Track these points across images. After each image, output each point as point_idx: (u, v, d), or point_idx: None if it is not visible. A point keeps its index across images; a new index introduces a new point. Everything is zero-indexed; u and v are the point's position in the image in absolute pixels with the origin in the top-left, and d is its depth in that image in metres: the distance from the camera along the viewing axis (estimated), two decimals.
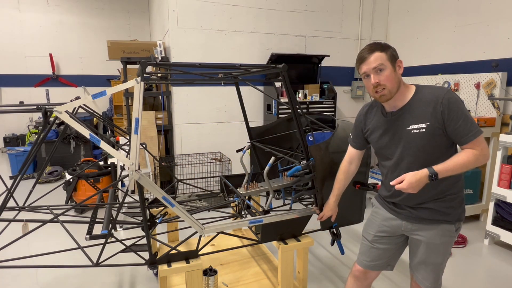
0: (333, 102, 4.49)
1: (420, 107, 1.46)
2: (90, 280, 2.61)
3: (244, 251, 2.75)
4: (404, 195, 1.55)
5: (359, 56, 1.50)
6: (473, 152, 1.39)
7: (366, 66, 1.47)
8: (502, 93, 3.55)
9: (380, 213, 1.73)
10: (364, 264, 1.77)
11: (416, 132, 1.46)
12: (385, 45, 1.48)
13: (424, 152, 1.47)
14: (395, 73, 1.47)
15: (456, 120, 1.40)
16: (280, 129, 2.62)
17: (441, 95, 1.42)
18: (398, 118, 1.52)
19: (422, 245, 1.58)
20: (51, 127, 2.02)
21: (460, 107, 1.41)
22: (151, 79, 2.30)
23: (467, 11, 3.99)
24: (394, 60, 1.47)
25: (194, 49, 4.18)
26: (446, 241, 1.55)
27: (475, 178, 3.69)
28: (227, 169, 4.05)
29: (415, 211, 1.57)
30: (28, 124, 7.10)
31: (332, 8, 4.83)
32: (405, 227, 1.62)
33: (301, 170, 1.97)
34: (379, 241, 1.72)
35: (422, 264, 1.61)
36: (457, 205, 1.55)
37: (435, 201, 1.53)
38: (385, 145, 1.59)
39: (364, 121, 1.71)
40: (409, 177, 1.39)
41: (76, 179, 3.95)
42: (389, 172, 1.62)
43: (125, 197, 1.91)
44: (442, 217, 1.53)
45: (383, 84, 1.45)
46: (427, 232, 1.55)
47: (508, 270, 2.80)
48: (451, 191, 1.53)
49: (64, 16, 7.37)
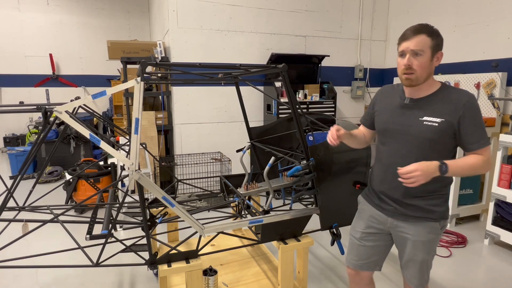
0: (333, 102, 4.49)
1: (441, 103, 1.46)
2: (90, 280, 2.61)
3: (244, 251, 2.75)
4: (395, 184, 1.53)
5: (404, 32, 1.46)
6: (482, 158, 1.41)
7: (406, 45, 1.43)
8: (502, 93, 3.55)
9: (366, 210, 1.74)
10: (353, 263, 1.77)
11: (428, 124, 1.46)
12: (435, 31, 1.44)
13: (429, 146, 1.47)
14: (431, 63, 1.44)
15: (472, 126, 1.41)
16: (280, 129, 2.62)
17: (466, 98, 1.43)
18: (415, 106, 1.52)
19: (409, 242, 1.58)
20: (51, 127, 2.02)
21: (480, 115, 1.43)
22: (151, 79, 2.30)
23: (467, 11, 3.99)
24: (436, 50, 1.44)
25: (194, 49, 4.18)
26: (431, 239, 1.56)
27: (475, 178, 3.69)
28: (227, 169, 4.05)
29: (401, 207, 1.57)
30: (28, 124, 7.10)
31: (332, 8, 4.83)
32: (390, 223, 1.62)
33: (301, 170, 1.97)
34: (366, 238, 1.72)
35: (410, 262, 1.61)
36: (442, 203, 1.56)
37: (422, 199, 1.54)
38: (392, 129, 1.58)
39: (379, 101, 1.70)
40: (420, 164, 1.35)
41: (76, 179, 3.95)
42: (385, 157, 1.62)
43: (125, 197, 1.90)
44: (428, 215, 1.54)
45: (414, 68, 1.43)
46: (413, 230, 1.56)
47: (508, 270, 2.80)
48: (439, 191, 1.54)
49: (64, 16, 7.37)
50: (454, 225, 3.62)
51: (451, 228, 3.54)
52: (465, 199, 3.67)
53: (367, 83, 5.30)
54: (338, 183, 2.13)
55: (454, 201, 3.53)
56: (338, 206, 2.16)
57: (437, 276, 2.69)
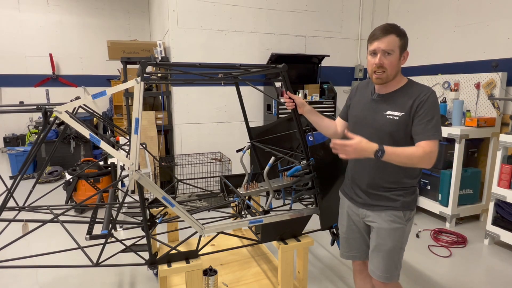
0: (333, 102, 4.49)
1: (403, 98, 1.53)
2: (90, 280, 2.61)
3: (244, 251, 2.75)
4: (361, 175, 1.64)
5: (373, 33, 1.52)
6: (422, 149, 1.42)
7: (377, 44, 1.49)
8: (502, 93, 3.55)
9: (344, 203, 1.82)
10: (345, 255, 1.85)
11: (390, 118, 1.53)
12: (402, 31, 1.51)
13: (391, 138, 1.52)
14: (399, 62, 1.52)
15: (422, 117, 1.45)
16: (280, 129, 2.62)
17: (423, 92, 1.49)
18: (381, 101, 1.59)
19: (373, 231, 1.64)
20: (51, 127, 2.02)
21: (435, 110, 1.46)
22: (151, 79, 2.30)
23: (467, 11, 3.99)
24: (403, 49, 1.52)
25: (194, 49, 4.18)
26: (395, 228, 1.58)
27: (475, 178, 3.69)
28: (227, 169, 4.05)
29: (368, 198, 1.64)
30: (28, 124, 7.10)
31: (332, 8, 4.83)
32: (362, 214, 1.69)
33: (301, 170, 1.97)
34: (349, 230, 1.80)
35: (374, 252, 1.65)
36: (406, 194, 1.59)
37: (386, 190, 1.59)
38: (360, 122, 1.65)
39: (354, 95, 1.77)
40: (358, 141, 1.37)
41: (76, 179, 3.95)
42: None
43: (125, 197, 1.90)
44: (390, 203, 1.58)
45: (385, 67, 1.49)
46: (377, 218, 1.61)
47: (508, 270, 2.80)
48: (405, 183, 1.58)
49: (64, 16, 7.37)
50: (454, 225, 3.61)
51: (451, 228, 3.54)
52: (465, 199, 3.67)
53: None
54: (338, 183, 2.13)
55: (454, 201, 3.53)
56: (338, 206, 2.16)
57: (437, 276, 2.69)
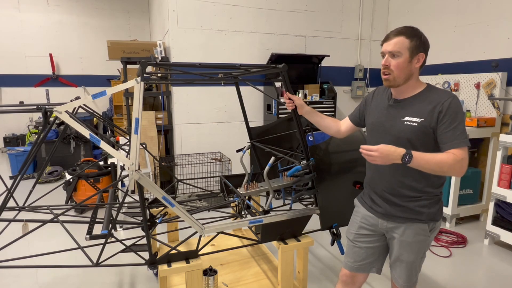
0: (333, 102, 4.49)
1: (422, 103, 1.48)
2: (90, 280, 2.61)
3: (244, 251, 2.75)
4: (383, 185, 1.59)
5: (387, 34, 1.51)
6: (453, 156, 1.37)
7: (385, 46, 1.49)
8: (502, 93, 3.55)
9: (359, 212, 1.76)
10: (349, 265, 1.77)
11: (408, 124, 1.48)
12: (415, 33, 1.46)
13: (411, 145, 1.48)
14: (409, 64, 1.47)
15: (448, 125, 1.40)
16: (280, 129, 2.62)
17: (444, 98, 1.43)
18: (398, 106, 1.55)
19: (396, 242, 1.60)
20: (51, 127, 2.02)
21: (459, 116, 1.42)
22: (151, 79, 2.30)
23: (467, 11, 3.99)
24: (415, 51, 1.46)
25: (194, 49, 4.18)
26: (419, 240, 1.56)
27: (475, 178, 3.69)
28: (227, 169, 4.05)
29: (390, 208, 1.58)
30: (28, 124, 7.10)
31: (332, 8, 4.83)
32: (381, 224, 1.64)
33: (301, 170, 1.97)
34: (359, 239, 1.73)
35: (396, 262, 1.63)
36: (431, 205, 1.55)
37: (410, 200, 1.54)
38: (378, 129, 1.62)
39: (371, 100, 1.73)
40: (384, 146, 1.36)
41: (76, 179, 3.95)
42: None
43: (125, 197, 1.90)
44: (415, 216, 1.54)
45: (391, 69, 1.47)
46: (400, 230, 1.57)
47: (508, 270, 2.80)
48: (429, 192, 1.53)
49: (64, 16, 7.37)
50: (454, 225, 3.61)
51: (451, 228, 3.54)
52: (465, 199, 3.67)
53: (367, 83, 5.30)
54: (338, 183, 2.13)
55: (454, 201, 3.53)
56: (338, 206, 2.16)
57: (437, 276, 2.69)
